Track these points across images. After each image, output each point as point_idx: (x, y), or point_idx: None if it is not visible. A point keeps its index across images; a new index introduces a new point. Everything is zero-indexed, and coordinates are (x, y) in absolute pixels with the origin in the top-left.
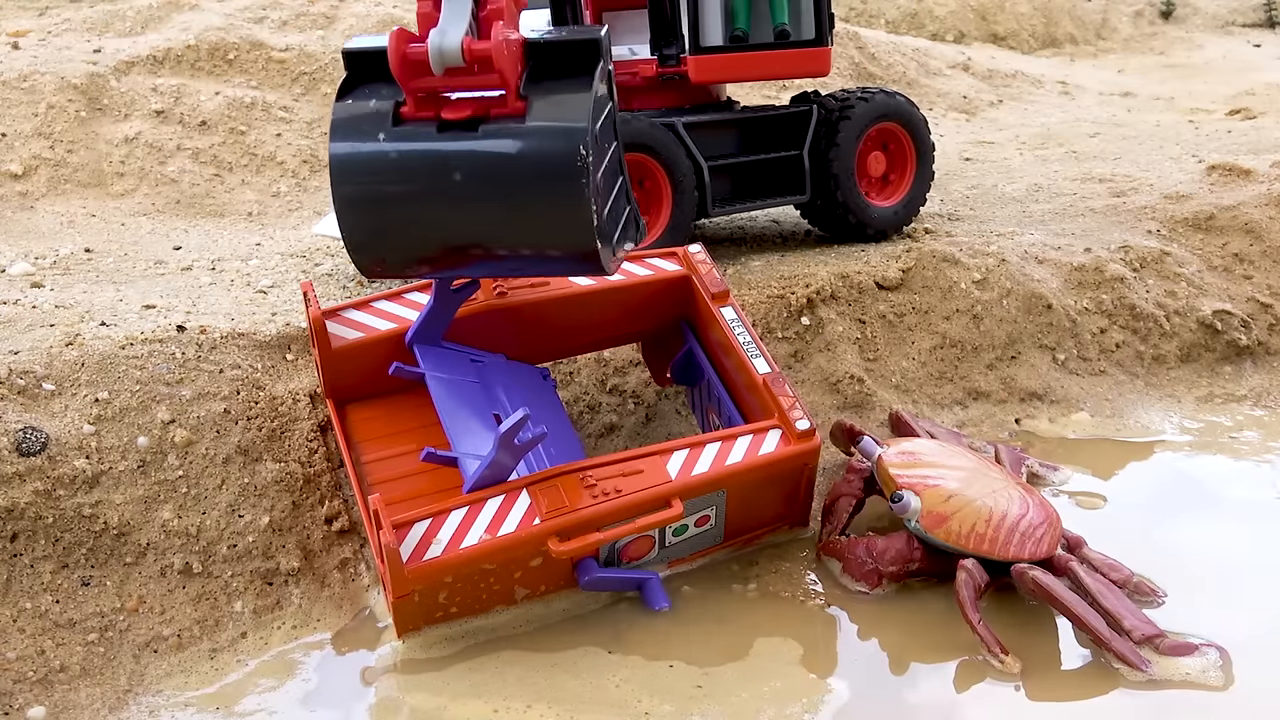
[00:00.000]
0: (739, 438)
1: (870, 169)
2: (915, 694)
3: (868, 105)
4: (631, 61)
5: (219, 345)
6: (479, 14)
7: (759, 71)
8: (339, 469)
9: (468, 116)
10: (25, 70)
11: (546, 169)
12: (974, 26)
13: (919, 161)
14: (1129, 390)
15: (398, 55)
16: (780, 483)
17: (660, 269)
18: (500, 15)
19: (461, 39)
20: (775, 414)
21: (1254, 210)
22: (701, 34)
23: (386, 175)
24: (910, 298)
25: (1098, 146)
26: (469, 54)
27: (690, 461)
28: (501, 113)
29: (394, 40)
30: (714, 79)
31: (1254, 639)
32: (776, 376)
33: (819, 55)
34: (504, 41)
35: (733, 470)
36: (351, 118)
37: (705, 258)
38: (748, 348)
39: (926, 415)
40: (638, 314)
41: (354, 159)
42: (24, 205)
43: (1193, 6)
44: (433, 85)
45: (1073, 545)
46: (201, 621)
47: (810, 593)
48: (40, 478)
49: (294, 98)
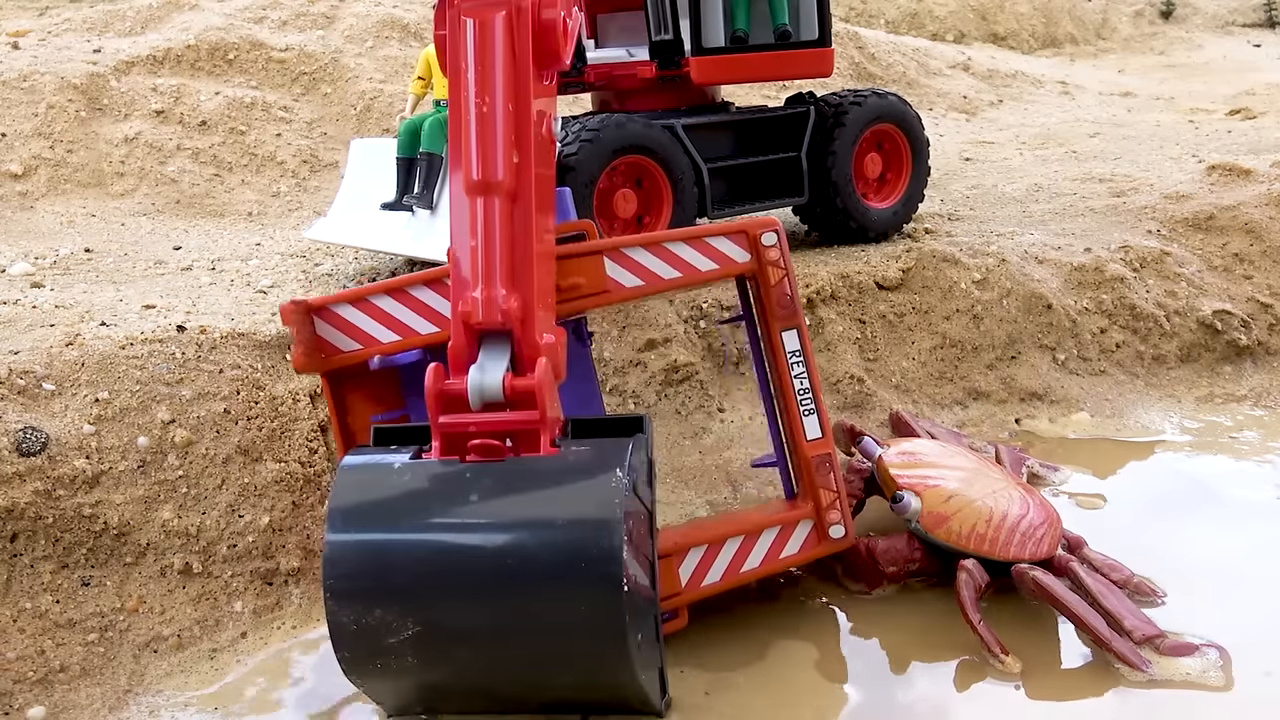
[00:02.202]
0: (762, 534)
1: (867, 170)
2: (915, 694)
3: (861, 109)
4: (630, 63)
5: (219, 345)
6: (519, 355)
7: (761, 72)
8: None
9: (496, 453)
10: (25, 70)
11: (577, 518)
12: (974, 26)
13: (915, 159)
14: (1129, 390)
15: (433, 390)
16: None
17: (724, 255)
18: (540, 353)
19: (503, 375)
20: (810, 504)
21: (1254, 210)
22: (703, 35)
23: (394, 528)
24: (910, 298)
25: (1098, 146)
26: (510, 390)
27: (704, 567)
28: (532, 455)
29: (430, 376)
30: (716, 80)
31: (1254, 639)
32: (824, 460)
33: (822, 56)
34: (546, 379)
35: (745, 579)
36: (362, 474)
37: (779, 248)
38: (803, 398)
39: (926, 415)
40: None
41: (359, 517)
42: (24, 205)
43: (1193, 6)
44: (465, 423)
45: (1073, 545)
46: (201, 621)
47: (810, 593)
48: (40, 478)
49: (294, 98)
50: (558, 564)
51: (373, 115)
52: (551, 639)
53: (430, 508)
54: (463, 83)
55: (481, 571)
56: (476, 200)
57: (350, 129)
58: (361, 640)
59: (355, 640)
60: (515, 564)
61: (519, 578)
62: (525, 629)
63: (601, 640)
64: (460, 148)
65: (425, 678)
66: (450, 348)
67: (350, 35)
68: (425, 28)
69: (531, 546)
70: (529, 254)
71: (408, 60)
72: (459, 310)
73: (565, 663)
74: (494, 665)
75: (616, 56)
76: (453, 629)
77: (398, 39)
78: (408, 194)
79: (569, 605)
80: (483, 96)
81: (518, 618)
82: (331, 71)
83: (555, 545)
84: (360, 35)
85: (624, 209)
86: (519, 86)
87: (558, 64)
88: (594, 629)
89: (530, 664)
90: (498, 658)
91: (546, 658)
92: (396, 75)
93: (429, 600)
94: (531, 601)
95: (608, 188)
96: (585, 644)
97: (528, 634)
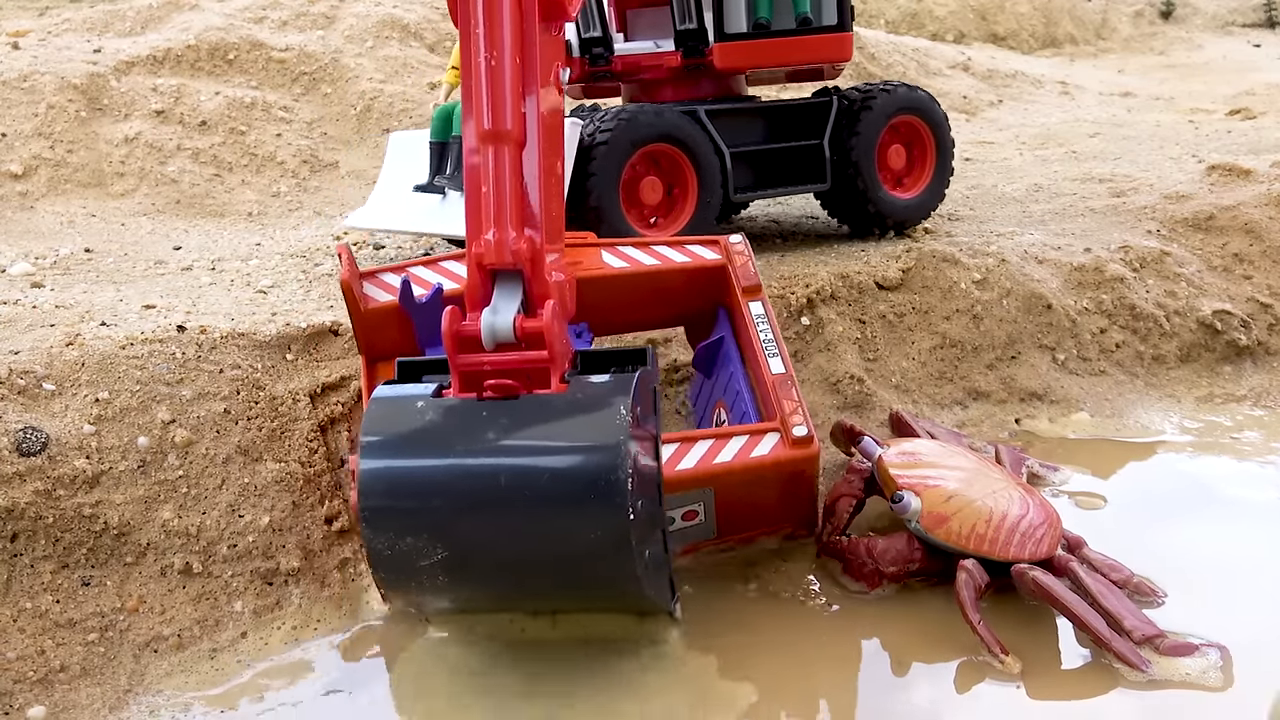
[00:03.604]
0: (733, 438)
1: (891, 161)
2: (915, 694)
3: (890, 97)
4: (656, 54)
5: (219, 345)
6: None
7: (782, 57)
8: (339, 468)
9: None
10: (25, 70)
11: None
12: (974, 26)
13: (939, 156)
14: (1129, 390)
15: (450, 331)
16: (775, 486)
17: (698, 256)
18: (549, 295)
19: (514, 317)
20: (776, 419)
21: (1254, 210)
22: (725, 22)
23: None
24: (910, 298)
25: (1098, 146)
26: (521, 331)
27: (677, 456)
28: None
29: (446, 319)
30: (739, 66)
31: (1254, 639)
32: (786, 379)
33: (841, 40)
34: (555, 320)
35: (719, 470)
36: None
37: (744, 249)
38: (767, 346)
39: (926, 415)
40: (674, 299)
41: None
42: (24, 205)
43: (1193, 6)
44: (480, 362)
45: (1073, 545)
46: (202, 621)
47: (810, 593)
48: (40, 478)
49: (294, 98)
50: (568, 491)
51: (373, 115)
52: (566, 559)
53: (452, 442)
54: (472, 38)
55: (500, 500)
56: (487, 149)
57: (350, 129)
58: (395, 564)
59: (390, 564)
60: (531, 492)
61: (534, 505)
62: (542, 551)
63: (611, 560)
64: (471, 100)
65: (456, 592)
66: (466, 288)
67: (350, 35)
68: (425, 27)
69: (545, 475)
70: (538, 198)
71: (408, 60)
72: (473, 252)
73: (580, 578)
74: (517, 581)
75: (644, 49)
76: (477, 552)
77: (398, 39)
78: (440, 175)
79: (580, 528)
80: (491, 51)
81: (535, 541)
82: (331, 71)
83: (566, 474)
84: (360, 35)
85: (650, 196)
86: (526, 40)
87: (564, 17)
88: (603, 550)
89: (549, 579)
90: (520, 575)
91: (563, 575)
92: (396, 75)
93: (454, 527)
94: (546, 525)
95: (634, 176)
96: (596, 563)
97: (545, 555)
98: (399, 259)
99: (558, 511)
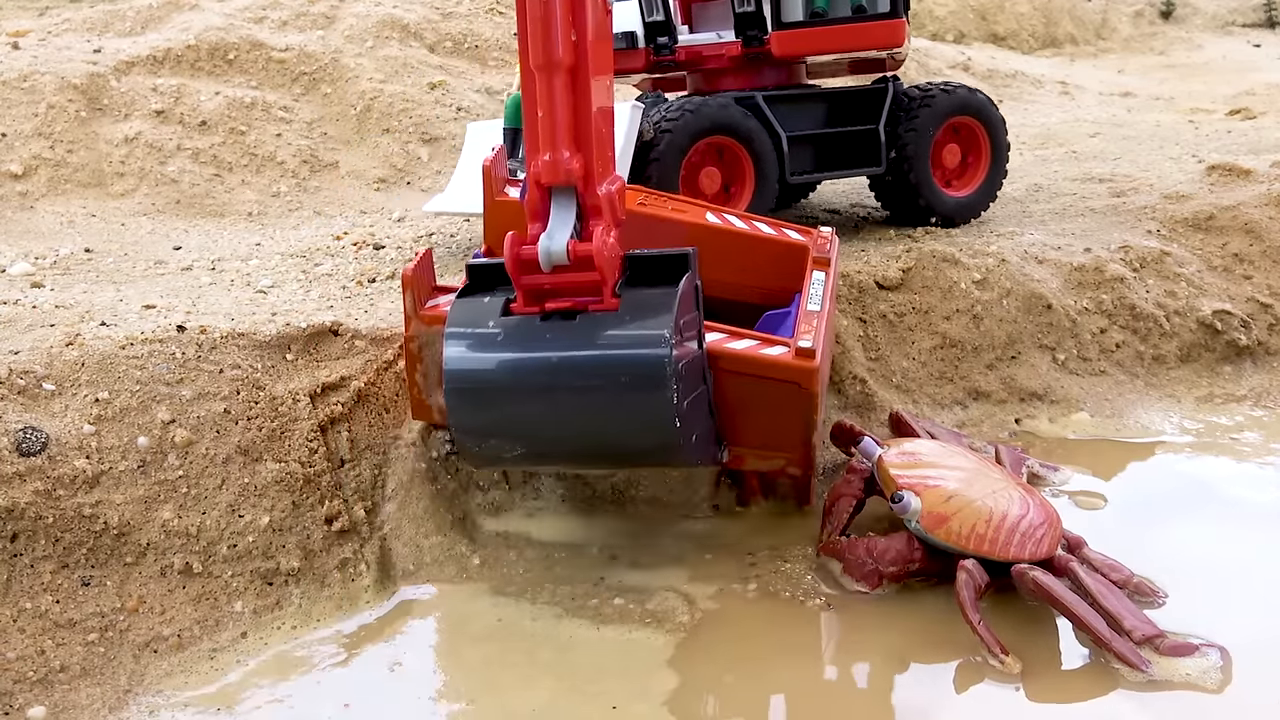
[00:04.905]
0: (747, 339)
1: (945, 160)
2: (915, 694)
3: (950, 97)
4: (719, 45)
5: (219, 345)
6: (583, 207)
7: (837, 44)
8: (339, 469)
9: (568, 308)
10: (25, 70)
11: (635, 357)
12: (974, 26)
13: (993, 159)
14: (1129, 390)
15: (512, 255)
16: (771, 394)
17: (788, 236)
18: (600, 219)
19: (567, 242)
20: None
21: (1254, 210)
22: (783, 11)
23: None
24: (910, 298)
25: (1098, 146)
26: (573, 254)
27: None
28: (598, 308)
29: (509, 243)
30: (795, 53)
31: (1254, 639)
32: (814, 314)
33: (894, 27)
34: (604, 244)
35: (723, 350)
36: (468, 309)
37: (830, 237)
38: (813, 295)
39: (927, 415)
40: (759, 269)
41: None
42: (24, 205)
43: (1193, 6)
44: (540, 281)
45: (1073, 545)
46: (201, 621)
47: (810, 593)
48: (40, 478)
49: (294, 98)
50: (624, 391)
51: (373, 115)
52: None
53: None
54: None
55: (566, 402)
56: (542, 77)
57: (350, 129)
58: (479, 457)
59: (475, 458)
60: (594, 396)
61: (598, 406)
62: (604, 444)
63: (661, 447)
64: (525, 33)
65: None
66: (526, 203)
67: (350, 35)
68: (425, 27)
69: (605, 382)
70: (588, 119)
71: (408, 60)
72: (531, 172)
73: (639, 460)
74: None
75: (707, 40)
76: (550, 445)
77: (398, 39)
78: (512, 158)
79: (637, 421)
80: None
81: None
82: (331, 71)
83: (620, 378)
84: (360, 35)
85: (709, 185)
86: None
87: None
88: (653, 439)
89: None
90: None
91: (625, 458)
92: (396, 75)
93: (528, 427)
94: (606, 423)
95: (694, 165)
96: (650, 450)
97: (607, 447)
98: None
99: (616, 408)
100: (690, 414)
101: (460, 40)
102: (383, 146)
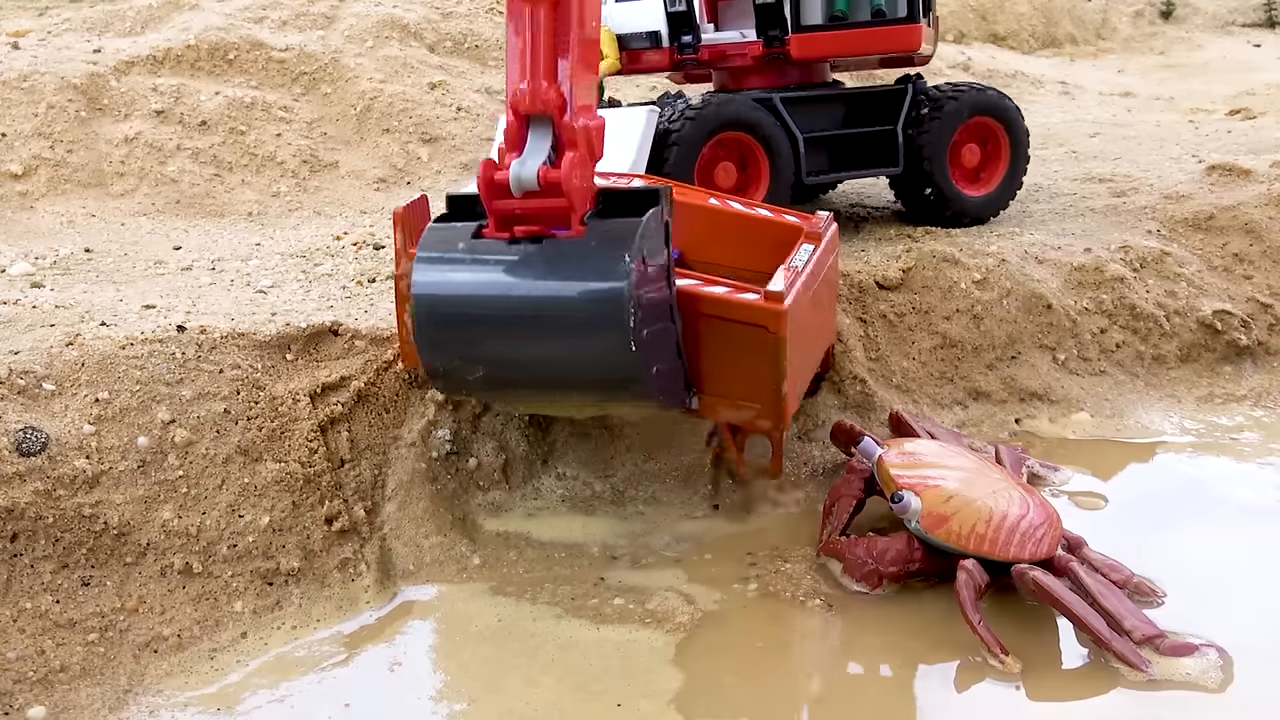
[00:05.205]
0: (721, 286)
1: (964, 159)
2: (915, 694)
3: (970, 97)
4: (741, 44)
5: (219, 345)
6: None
7: (855, 47)
8: (339, 469)
9: (535, 233)
10: (25, 70)
11: (593, 281)
12: (974, 26)
13: (1013, 159)
14: (1129, 390)
15: (485, 179)
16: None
17: (785, 219)
18: (574, 147)
19: (539, 168)
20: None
21: (1254, 210)
22: (802, 14)
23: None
24: (911, 297)
25: (1098, 146)
26: (544, 180)
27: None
28: (565, 237)
29: (483, 167)
30: (814, 55)
31: (1254, 639)
32: (794, 269)
33: (911, 31)
34: (573, 170)
35: (695, 292)
36: (441, 233)
37: (827, 219)
38: (798, 256)
39: (927, 415)
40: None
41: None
42: (24, 205)
43: (1193, 6)
44: (511, 206)
45: (1073, 546)
46: (201, 621)
47: (810, 593)
48: (40, 478)
49: (294, 98)
50: (584, 316)
51: (373, 115)
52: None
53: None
54: None
55: (529, 324)
56: (524, 8)
57: (350, 129)
58: (447, 379)
59: (442, 383)
60: (553, 318)
61: (557, 329)
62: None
63: (620, 379)
64: None
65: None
66: (505, 129)
67: (350, 35)
68: (425, 27)
69: (563, 305)
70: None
71: (408, 60)
72: (510, 100)
73: (600, 392)
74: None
75: (730, 39)
76: (512, 370)
77: (398, 39)
78: None
79: (595, 347)
80: None
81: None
82: (331, 71)
83: (580, 304)
84: (360, 35)
85: (724, 180)
86: None
87: None
88: (610, 366)
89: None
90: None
91: (585, 389)
92: (396, 75)
93: (489, 349)
94: (565, 348)
95: (708, 162)
96: (609, 381)
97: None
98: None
99: (576, 332)
100: (651, 345)
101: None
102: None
